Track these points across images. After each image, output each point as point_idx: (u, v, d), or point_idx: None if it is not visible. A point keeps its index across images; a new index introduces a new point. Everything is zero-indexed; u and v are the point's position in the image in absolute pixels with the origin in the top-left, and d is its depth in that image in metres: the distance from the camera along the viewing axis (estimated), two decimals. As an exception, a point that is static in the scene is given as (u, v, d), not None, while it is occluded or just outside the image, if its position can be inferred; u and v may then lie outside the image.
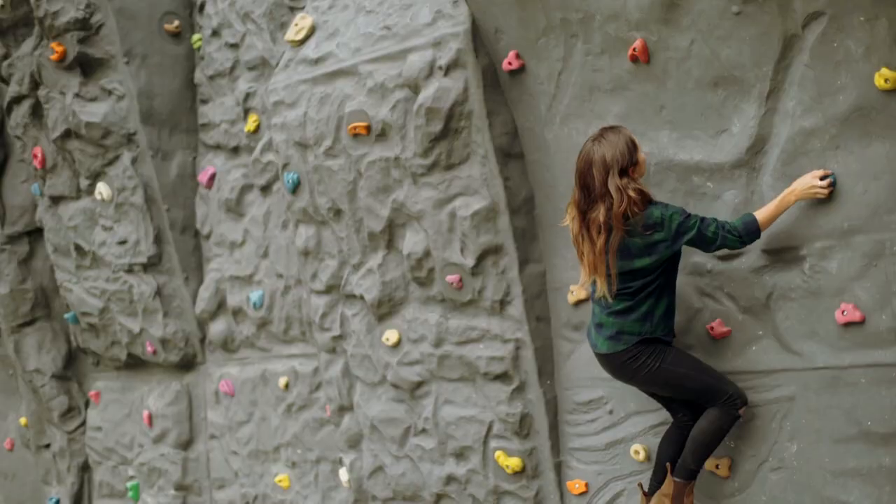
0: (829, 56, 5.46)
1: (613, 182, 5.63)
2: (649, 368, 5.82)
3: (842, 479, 5.69)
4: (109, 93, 9.25)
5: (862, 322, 5.55)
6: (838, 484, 5.71)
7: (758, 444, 5.99)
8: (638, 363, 5.84)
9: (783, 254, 5.79)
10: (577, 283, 6.67)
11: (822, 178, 5.55)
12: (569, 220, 5.93)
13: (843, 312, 5.58)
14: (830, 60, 5.46)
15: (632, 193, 5.61)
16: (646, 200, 5.67)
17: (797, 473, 5.86)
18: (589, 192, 5.73)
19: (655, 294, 5.80)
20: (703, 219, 5.67)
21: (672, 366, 5.82)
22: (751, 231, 5.66)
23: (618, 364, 5.91)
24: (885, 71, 5.27)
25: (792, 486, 5.88)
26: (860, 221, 5.51)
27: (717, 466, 6.15)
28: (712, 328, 6.07)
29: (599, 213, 5.67)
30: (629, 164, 5.70)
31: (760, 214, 5.68)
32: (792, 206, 5.67)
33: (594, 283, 5.84)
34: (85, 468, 10.78)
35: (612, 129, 5.82)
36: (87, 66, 9.23)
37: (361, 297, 7.58)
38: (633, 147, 5.73)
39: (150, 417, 9.76)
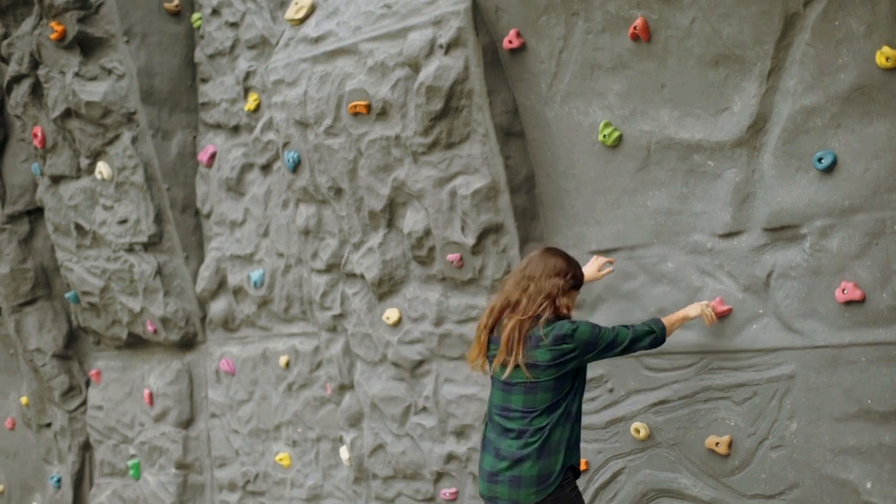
0: (831, 34, 5.45)
1: (550, 282, 5.62)
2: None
3: (842, 457, 5.71)
4: (109, 72, 9.24)
5: (862, 300, 5.55)
6: (838, 462, 5.72)
7: (758, 423, 6.00)
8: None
9: (783, 232, 5.80)
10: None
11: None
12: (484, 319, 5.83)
13: (843, 291, 5.59)
14: (832, 39, 5.46)
15: (558, 302, 5.61)
16: (561, 315, 5.66)
17: (797, 451, 5.87)
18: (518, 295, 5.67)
19: (561, 421, 5.63)
20: (611, 328, 5.69)
21: None
22: (661, 327, 5.80)
23: None
24: (886, 49, 5.27)
25: (792, 464, 5.89)
26: (861, 200, 5.51)
27: (716, 444, 6.16)
28: (713, 307, 6.07)
29: (520, 307, 5.61)
30: (572, 275, 5.71)
31: (667, 320, 5.87)
32: (792, 185, 5.67)
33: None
34: (86, 447, 10.80)
35: (551, 250, 5.84)
36: (86, 46, 9.21)
37: (362, 276, 7.58)
38: (575, 264, 5.76)
39: (151, 396, 9.78)
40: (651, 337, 5.74)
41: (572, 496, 5.66)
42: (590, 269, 6.31)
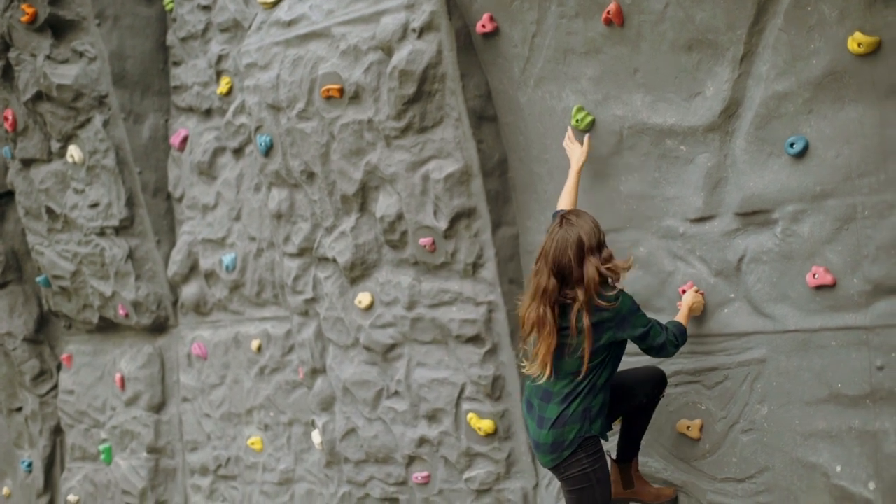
0: (803, 20, 5.47)
1: (591, 263, 5.48)
2: (583, 469, 5.72)
3: (812, 441, 5.73)
4: (81, 55, 9.19)
5: (833, 285, 5.58)
6: (808, 445, 5.75)
7: (729, 406, 6.03)
8: (578, 467, 5.71)
9: (755, 217, 5.81)
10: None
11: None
12: (528, 309, 5.67)
13: (814, 275, 5.61)
14: (804, 24, 5.47)
15: (605, 270, 5.51)
16: (614, 279, 5.59)
17: (767, 435, 5.89)
18: (564, 277, 5.54)
19: (583, 391, 5.63)
20: (657, 322, 5.68)
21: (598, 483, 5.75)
22: (684, 334, 5.82)
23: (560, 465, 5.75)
24: (858, 35, 5.29)
25: (762, 448, 5.92)
26: (832, 185, 5.53)
27: (687, 428, 6.18)
28: (684, 291, 6.08)
29: (578, 294, 5.48)
30: (598, 241, 5.57)
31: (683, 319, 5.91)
32: (764, 170, 5.70)
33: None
34: (57, 431, 10.78)
35: (574, 213, 5.69)
36: (58, 28, 9.17)
37: (334, 260, 7.57)
38: (599, 227, 5.62)
39: (123, 380, 9.75)
40: (674, 350, 5.76)
41: (585, 464, 5.67)
42: (580, 151, 6.30)
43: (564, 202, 6.17)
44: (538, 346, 5.58)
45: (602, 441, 5.75)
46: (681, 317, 5.92)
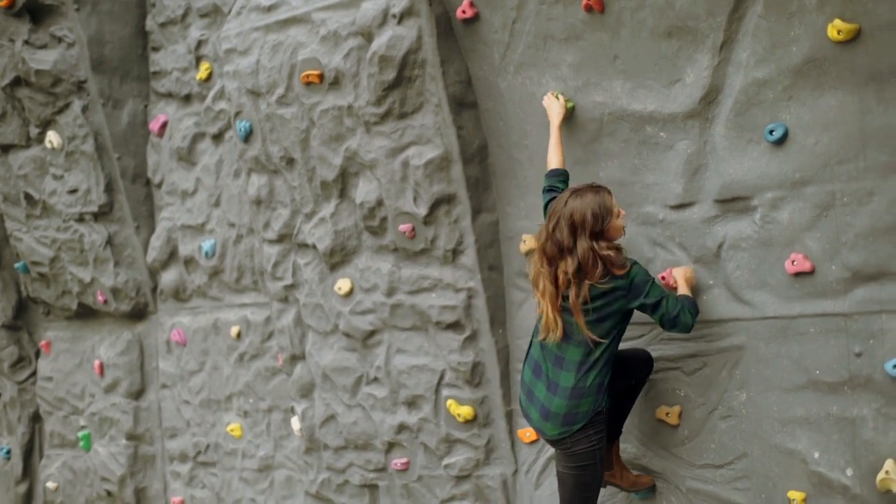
0: (783, 7, 5.47)
1: (582, 242, 5.47)
2: (591, 446, 5.72)
3: (790, 427, 5.75)
4: (59, 40, 9.15)
5: (812, 272, 5.59)
6: (786, 432, 5.76)
7: (708, 393, 6.04)
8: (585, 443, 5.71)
9: (734, 204, 5.82)
10: (530, 233, 6.70)
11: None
12: (534, 261, 5.71)
13: (793, 262, 5.63)
14: (784, 11, 5.48)
15: (604, 253, 5.48)
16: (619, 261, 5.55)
17: (746, 421, 5.91)
18: (558, 246, 5.54)
19: (599, 364, 5.64)
20: (672, 293, 5.67)
21: (599, 462, 5.76)
22: (696, 305, 5.78)
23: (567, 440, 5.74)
24: (837, 22, 5.30)
25: (741, 434, 5.93)
26: (811, 172, 5.54)
27: (666, 414, 6.19)
28: (664, 278, 6.09)
29: (567, 266, 5.50)
30: (600, 228, 5.51)
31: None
32: (744, 157, 5.71)
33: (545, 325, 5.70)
34: (36, 418, 10.74)
35: (593, 188, 5.64)
36: (36, 13, 9.12)
37: (314, 247, 7.56)
38: (605, 211, 5.54)
39: (102, 367, 9.73)
40: (691, 321, 5.71)
41: (594, 440, 5.67)
42: (559, 105, 6.33)
43: (553, 160, 6.20)
44: (541, 305, 5.63)
45: None
46: (683, 291, 5.90)
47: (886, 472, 5.38)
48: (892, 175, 5.32)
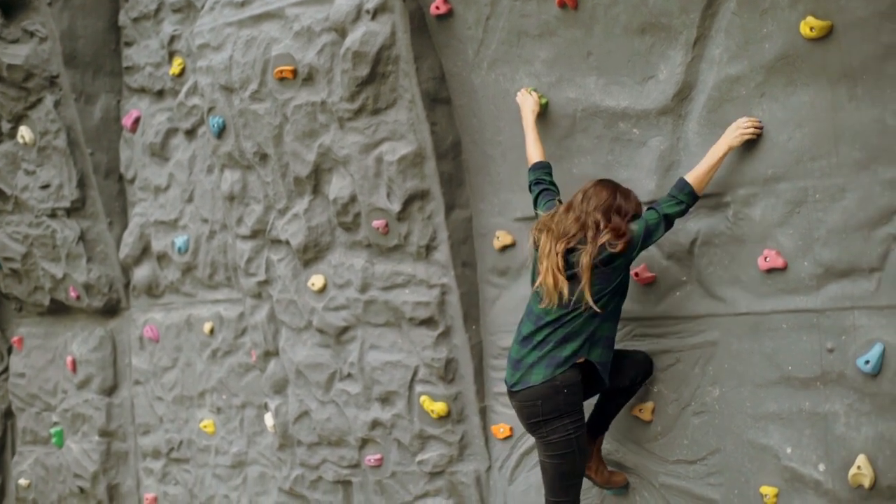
0: (756, 4, 5.49)
1: (609, 219, 5.61)
2: (567, 435, 5.73)
3: (762, 423, 5.77)
4: (31, 34, 9.12)
5: (784, 268, 5.60)
6: (759, 427, 5.78)
7: (680, 389, 6.05)
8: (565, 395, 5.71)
9: (707, 200, 5.83)
10: (503, 230, 6.71)
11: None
12: (537, 236, 5.78)
13: (765, 259, 5.64)
14: (757, 8, 5.49)
15: (617, 222, 5.60)
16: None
17: (719, 417, 5.92)
18: (580, 221, 5.64)
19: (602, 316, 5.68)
20: (644, 219, 5.67)
21: (579, 451, 5.78)
22: (682, 189, 5.65)
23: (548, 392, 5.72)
24: (810, 19, 5.31)
25: (714, 430, 5.95)
26: (784, 169, 5.55)
27: (640, 410, 6.21)
28: (637, 274, 6.10)
29: (588, 231, 5.60)
30: (625, 209, 5.67)
31: (692, 175, 5.67)
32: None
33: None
34: (8, 415, 10.71)
35: (604, 186, 5.77)
36: (8, 8, 9.08)
37: (287, 242, 7.55)
38: (611, 206, 5.67)
39: (74, 363, 9.69)
40: (681, 211, 5.68)
41: (570, 430, 5.69)
42: (532, 101, 6.35)
43: (534, 154, 6.21)
44: (543, 270, 5.69)
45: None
46: (701, 170, 5.71)
47: (858, 468, 5.40)
48: (864, 171, 5.34)
